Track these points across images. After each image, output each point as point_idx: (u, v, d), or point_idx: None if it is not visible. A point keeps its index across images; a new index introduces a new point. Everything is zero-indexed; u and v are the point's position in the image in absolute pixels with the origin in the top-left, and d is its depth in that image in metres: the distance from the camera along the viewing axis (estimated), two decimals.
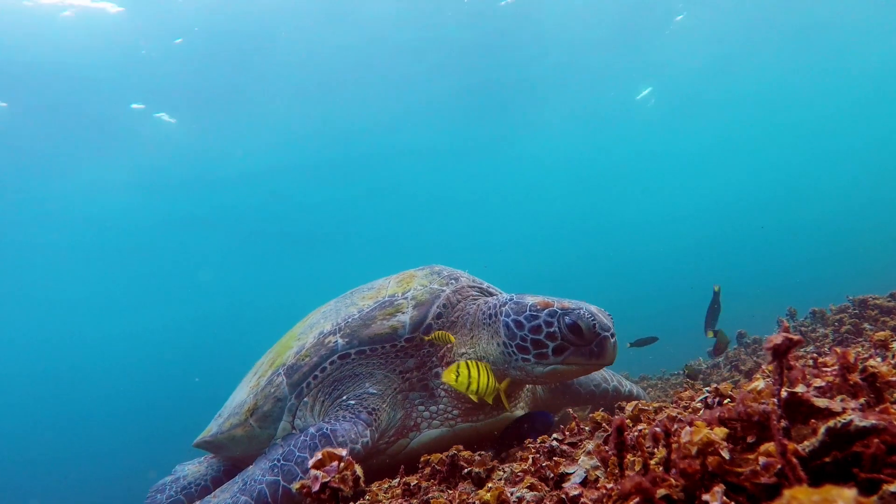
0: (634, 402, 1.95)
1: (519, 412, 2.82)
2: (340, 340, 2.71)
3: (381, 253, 33.90)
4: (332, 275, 33.45)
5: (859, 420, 0.84)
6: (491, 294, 2.99)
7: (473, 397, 2.36)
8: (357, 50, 16.45)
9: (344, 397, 2.65)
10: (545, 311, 2.34)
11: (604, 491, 1.17)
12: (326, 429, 2.45)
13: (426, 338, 2.65)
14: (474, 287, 2.95)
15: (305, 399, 2.74)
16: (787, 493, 0.58)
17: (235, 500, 2.30)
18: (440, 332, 2.63)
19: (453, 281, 2.90)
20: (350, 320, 2.80)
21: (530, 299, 2.46)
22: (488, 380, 2.37)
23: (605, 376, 3.38)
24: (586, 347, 2.29)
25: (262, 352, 3.68)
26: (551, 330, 2.31)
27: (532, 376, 2.45)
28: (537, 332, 2.33)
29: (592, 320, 2.28)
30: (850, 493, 0.55)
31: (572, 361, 2.32)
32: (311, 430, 2.46)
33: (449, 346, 2.69)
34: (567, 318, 2.29)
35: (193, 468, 3.56)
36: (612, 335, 2.33)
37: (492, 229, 37.66)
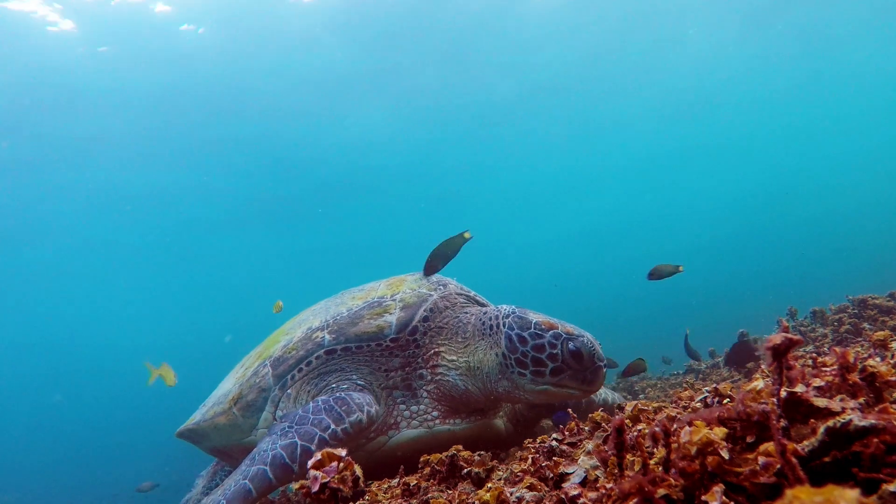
0: (634, 403, 1.96)
1: (498, 421, 2.88)
2: (328, 336, 2.77)
3: (379, 256, 33.97)
4: (332, 275, 33.48)
5: (858, 420, 0.84)
6: (478, 302, 3.03)
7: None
8: (362, 48, 16.49)
9: (334, 385, 2.70)
10: (550, 333, 2.41)
11: (603, 491, 1.16)
12: (340, 394, 2.48)
13: None
14: (462, 294, 3.00)
15: (289, 391, 2.78)
16: (789, 492, 0.58)
17: (245, 474, 2.20)
18: None
19: (441, 287, 2.95)
20: (338, 318, 2.86)
21: (533, 316, 2.51)
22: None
23: None
24: (581, 373, 2.38)
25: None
26: (554, 351, 2.38)
27: (521, 391, 2.50)
28: (540, 350, 2.40)
29: (593, 349, 2.38)
30: (852, 493, 0.55)
31: (565, 384, 2.41)
32: (323, 397, 2.49)
33: (436, 350, 2.74)
34: (571, 344, 2.37)
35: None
36: (605, 365, 2.45)
37: (486, 235, 37.71)
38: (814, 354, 2.33)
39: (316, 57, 16.50)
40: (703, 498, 0.80)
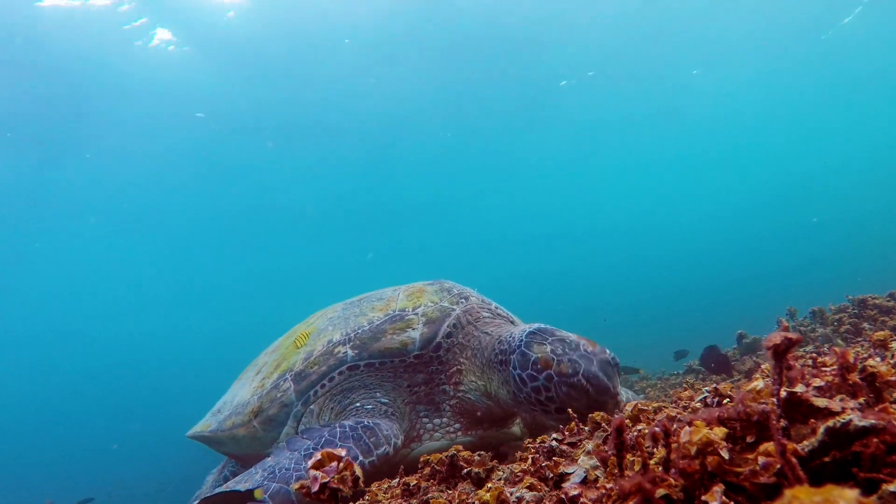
0: (634, 402, 1.95)
1: (515, 429, 2.87)
2: (350, 352, 2.74)
3: (383, 257, 33.97)
4: (330, 276, 33.45)
5: (858, 420, 0.84)
6: (500, 316, 2.98)
7: None
8: (373, 52, 16.55)
9: (358, 403, 2.66)
10: (543, 375, 2.35)
11: (603, 491, 1.16)
12: (368, 422, 2.44)
13: None
14: (483, 308, 2.95)
15: (312, 406, 2.74)
16: (788, 492, 0.58)
17: (266, 489, 2.11)
18: None
19: (463, 300, 2.90)
20: (360, 332, 2.82)
21: (536, 351, 2.42)
22: None
23: None
24: (585, 409, 2.28)
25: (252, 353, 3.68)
26: (550, 394, 2.35)
27: (541, 420, 2.56)
28: (538, 393, 2.38)
29: (588, 386, 2.26)
30: (851, 493, 0.55)
31: (575, 417, 2.36)
32: (350, 422, 2.45)
33: (458, 367, 2.72)
34: (563, 387, 2.29)
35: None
36: (613, 396, 2.28)
37: (496, 233, 37.72)
38: (813, 354, 2.32)
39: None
40: (703, 498, 0.80)
